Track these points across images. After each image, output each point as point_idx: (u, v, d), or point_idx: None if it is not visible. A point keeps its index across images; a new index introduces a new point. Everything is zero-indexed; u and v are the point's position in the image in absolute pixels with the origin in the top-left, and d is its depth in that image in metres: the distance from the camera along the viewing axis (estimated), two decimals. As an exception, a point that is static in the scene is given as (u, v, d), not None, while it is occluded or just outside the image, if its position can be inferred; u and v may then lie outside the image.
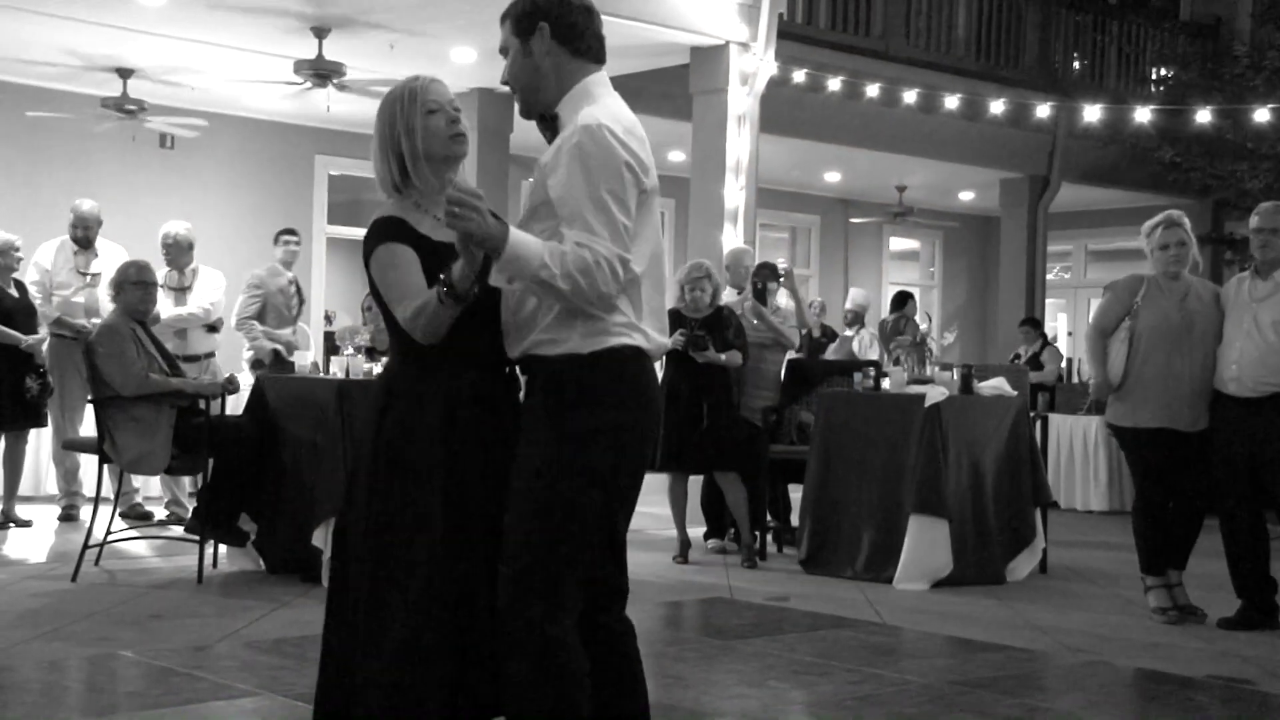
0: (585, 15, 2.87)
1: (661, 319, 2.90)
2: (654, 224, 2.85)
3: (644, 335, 2.81)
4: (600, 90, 2.85)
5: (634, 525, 9.45)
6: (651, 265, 2.85)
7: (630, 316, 2.78)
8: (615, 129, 2.74)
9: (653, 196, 2.83)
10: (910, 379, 7.13)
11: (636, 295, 2.79)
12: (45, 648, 4.76)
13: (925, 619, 5.80)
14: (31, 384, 7.61)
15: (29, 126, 10.40)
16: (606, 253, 2.67)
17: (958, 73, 12.35)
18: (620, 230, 2.70)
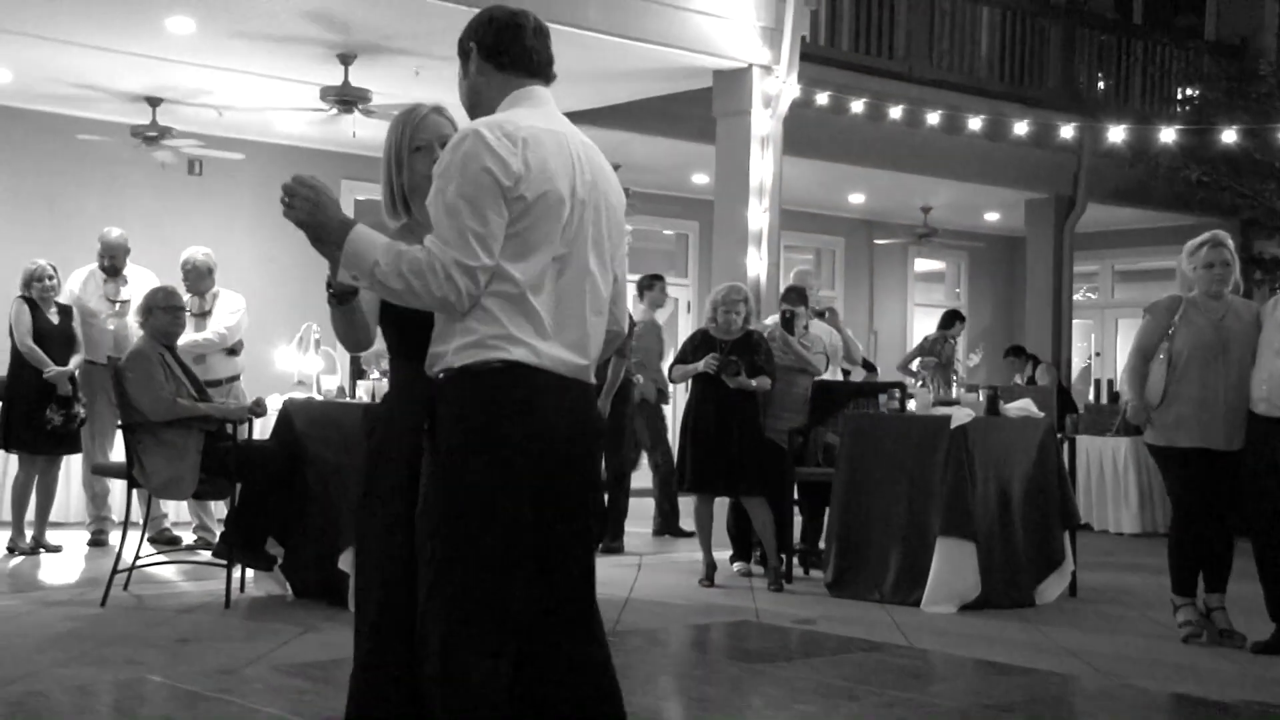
0: (510, 31, 2.90)
1: (583, 334, 2.79)
2: (557, 235, 2.74)
3: (529, 350, 2.70)
4: (524, 101, 2.86)
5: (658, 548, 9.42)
6: (573, 278, 2.77)
7: (508, 329, 2.69)
8: (486, 134, 2.69)
9: (552, 205, 2.73)
10: (936, 400, 7.10)
11: (528, 308, 2.70)
12: (75, 672, 4.78)
13: (953, 642, 5.76)
14: (53, 415, 7.64)
15: (61, 154, 10.51)
16: (444, 257, 2.62)
17: (981, 93, 12.34)
18: (466, 236, 2.63)
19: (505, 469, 2.70)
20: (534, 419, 2.72)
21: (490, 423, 2.70)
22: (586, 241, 2.80)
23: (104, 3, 7.90)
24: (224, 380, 8.09)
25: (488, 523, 2.71)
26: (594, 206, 2.82)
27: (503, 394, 2.70)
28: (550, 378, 2.74)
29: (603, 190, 2.85)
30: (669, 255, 15.10)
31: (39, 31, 8.51)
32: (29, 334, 7.67)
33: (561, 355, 2.75)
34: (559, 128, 2.83)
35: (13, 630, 5.52)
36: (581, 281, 2.79)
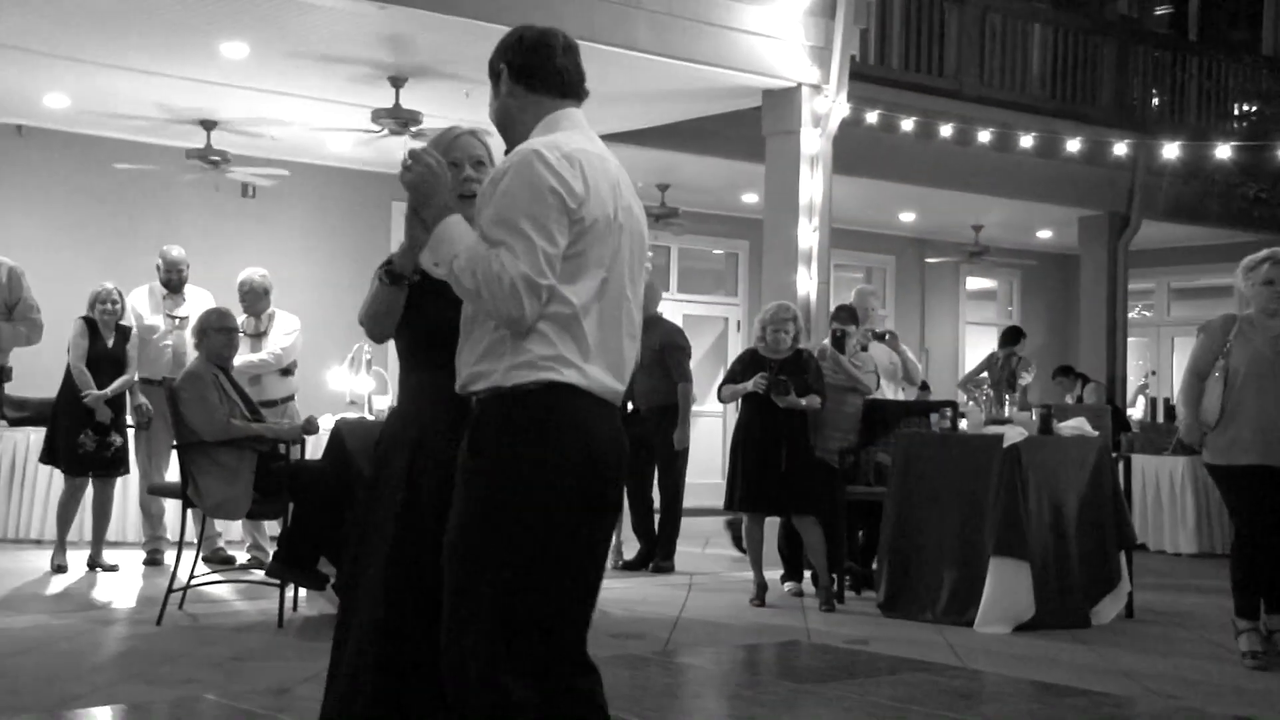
0: (541, 52, 2.88)
1: (620, 358, 2.78)
2: (606, 259, 2.74)
3: (579, 373, 2.69)
4: (563, 123, 2.85)
5: (709, 568, 9.38)
6: (612, 301, 2.76)
7: (559, 350, 2.68)
8: (548, 155, 2.69)
9: (602, 229, 2.73)
10: (988, 419, 7.05)
11: (578, 331, 2.70)
12: (131, 690, 4.82)
13: (1007, 663, 5.70)
14: (85, 440, 7.72)
15: (119, 179, 10.68)
16: (514, 271, 2.61)
17: (1033, 110, 12.27)
18: (536, 254, 2.63)
19: (559, 491, 2.67)
20: (586, 441, 2.71)
21: (545, 444, 2.67)
22: (624, 265, 2.79)
23: (160, 29, 8.03)
24: (279, 400, 8.16)
25: (543, 543, 2.68)
26: (629, 231, 2.82)
27: (556, 415, 2.68)
28: (595, 400, 2.73)
29: (636, 214, 2.85)
30: (718, 275, 15.11)
31: (96, 58, 8.66)
32: (83, 357, 7.78)
33: (603, 379, 2.74)
34: (600, 150, 2.83)
35: (71, 648, 5.59)
36: (619, 305, 2.78)
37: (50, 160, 10.75)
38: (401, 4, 7.39)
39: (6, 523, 9.08)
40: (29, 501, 9.02)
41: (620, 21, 8.26)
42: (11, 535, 9.06)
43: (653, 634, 6.16)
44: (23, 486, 9.03)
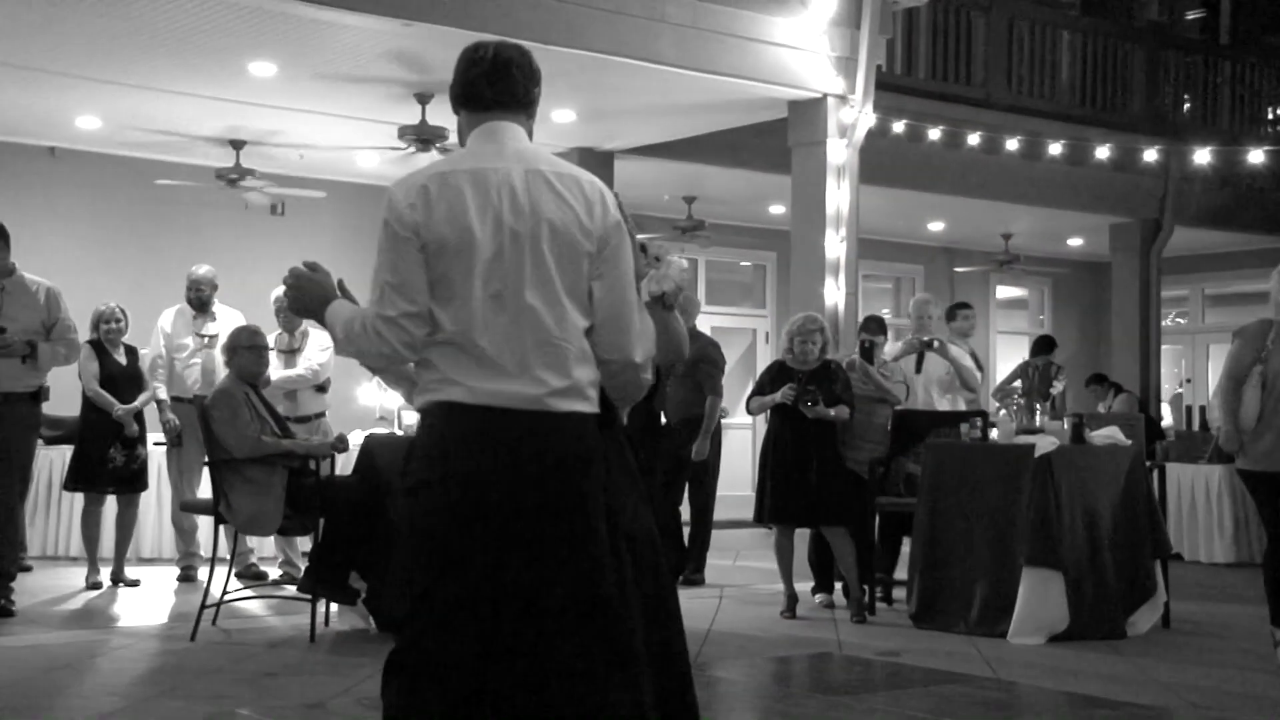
0: (466, 69, 2.92)
1: (528, 365, 2.74)
2: (475, 272, 2.74)
3: (464, 389, 2.74)
4: (476, 138, 2.90)
5: (739, 580, 9.30)
6: (512, 313, 2.74)
7: (444, 372, 2.76)
8: (394, 189, 2.81)
9: (456, 247, 2.74)
10: (1019, 429, 7.00)
11: (462, 350, 2.75)
12: (166, 705, 4.85)
13: (1042, 674, 5.65)
14: (115, 455, 7.82)
15: (149, 198, 10.78)
16: (368, 315, 2.78)
17: (1062, 118, 12.22)
18: (381, 289, 2.77)
19: (441, 507, 2.73)
20: (470, 456, 2.72)
21: (430, 464, 2.76)
22: (523, 274, 2.76)
23: (189, 49, 8.11)
24: (312, 416, 8.20)
25: (430, 564, 2.73)
26: (531, 237, 2.77)
27: (436, 434, 2.76)
28: (491, 413, 2.73)
29: (546, 218, 2.77)
30: (746, 287, 15.10)
31: (126, 79, 8.75)
32: (95, 378, 7.88)
33: (506, 388, 2.73)
34: (492, 164, 2.80)
35: (107, 664, 5.63)
36: (519, 316, 2.75)
37: (82, 181, 10.86)
38: (426, 21, 7.44)
39: (48, 540, 9.16)
40: (65, 519, 9.10)
41: (645, 35, 8.28)
42: (50, 553, 9.14)
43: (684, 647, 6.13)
44: (59, 505, 9.10)
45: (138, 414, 8.00)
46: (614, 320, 2.84)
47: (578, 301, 2.81)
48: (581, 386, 2.79)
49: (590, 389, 2.82)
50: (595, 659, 2.71)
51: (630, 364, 2.87)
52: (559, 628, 2.70)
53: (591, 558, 2.74)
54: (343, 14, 7.45)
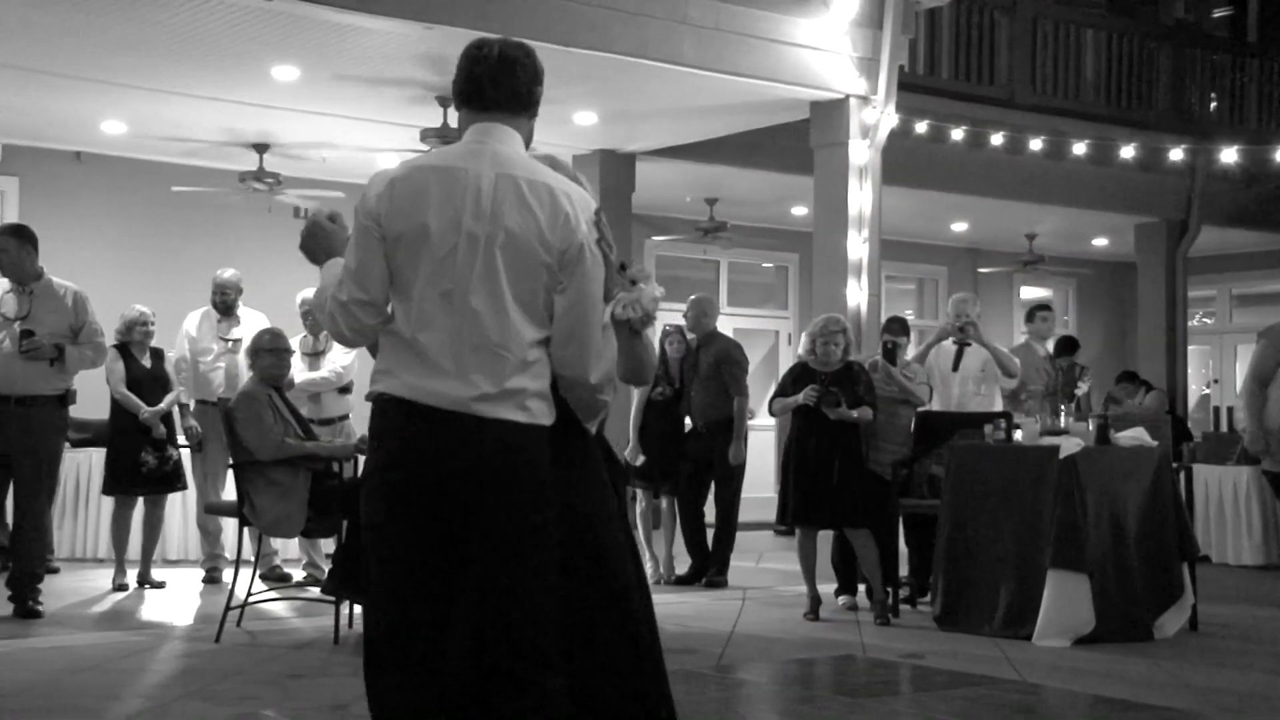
0: (464, 68, 2.94)
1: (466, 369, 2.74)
2: (423, 269, 2.76)
3: (400, 383, 2.78)
4: (467, 136, 2.91)
5: (762, 582, 9.27)
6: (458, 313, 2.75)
7: (386, 364, 2.82)
8: (373, 178, 2.87)
9: (411, 241, 2.77)
10: (1043, 430, 6.96)
11: (404, 343, 2.79)
12: (191, 706, 4.87)
13: (1068, 677, 5.62)
14: (147, 457, 7.90)
15: (173, 202, 10.83)
16: (327, 294, 2.88)
17: (1087, 117, 12.15)
18: (346, 273, 2.84)
19: (376, 499, 2.83)
20: (395, 450, 2.79)
21: (370, 456, 2.87)
22: (471, 276, 2.75)
23: (212, 54, 8.15)
24: (336, 418, 8.23)
25: (370, 551, 2.86)
26: (487, 240, 2.75)
27: (375, 425, 2.83)
28: (421, 410, 2.75)
29: (505, 224, 2.75)
30: (769, 288, 15.07)
31: (150, 84, 8.80)
32: (122, 381, 7.95)
33: (437, 387, 2.74)
34: (465, 164, 2.80)
35: (134, 665, 5.66)
36: (463, 317, 2.75)
37: (107, 185, 10.93)
38: (447, 24, 7.45)
39: (75, 542, 9.23)
40: (93, 522, 9.16)
41: (667, 37, 8.28)
42: (78, 555, 9.20)
43: (706, 649, 6.14)
44: (87, 507, 9.17)
45: (164, 416, 8.06)
46: (571, 337, 2.82)
47: (528, 311, 2.79)
48: (517, 395, 2.77)
49: (532, 399, 2.80)
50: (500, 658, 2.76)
51: (583, 383, 2.86)
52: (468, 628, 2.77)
53: (506, 562, 2.77)
54: (364, 18, 7.47)
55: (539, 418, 2.81)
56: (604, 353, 2.85)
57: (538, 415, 2.81)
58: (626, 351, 2.91)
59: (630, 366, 2.95)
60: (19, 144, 10.41)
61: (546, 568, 2.80)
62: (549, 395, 2.84)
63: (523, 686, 2.75)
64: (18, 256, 6.71)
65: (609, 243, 2.85)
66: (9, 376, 6.61)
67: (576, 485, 2.93)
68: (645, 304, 2.83)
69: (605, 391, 2.90)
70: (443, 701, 2.77)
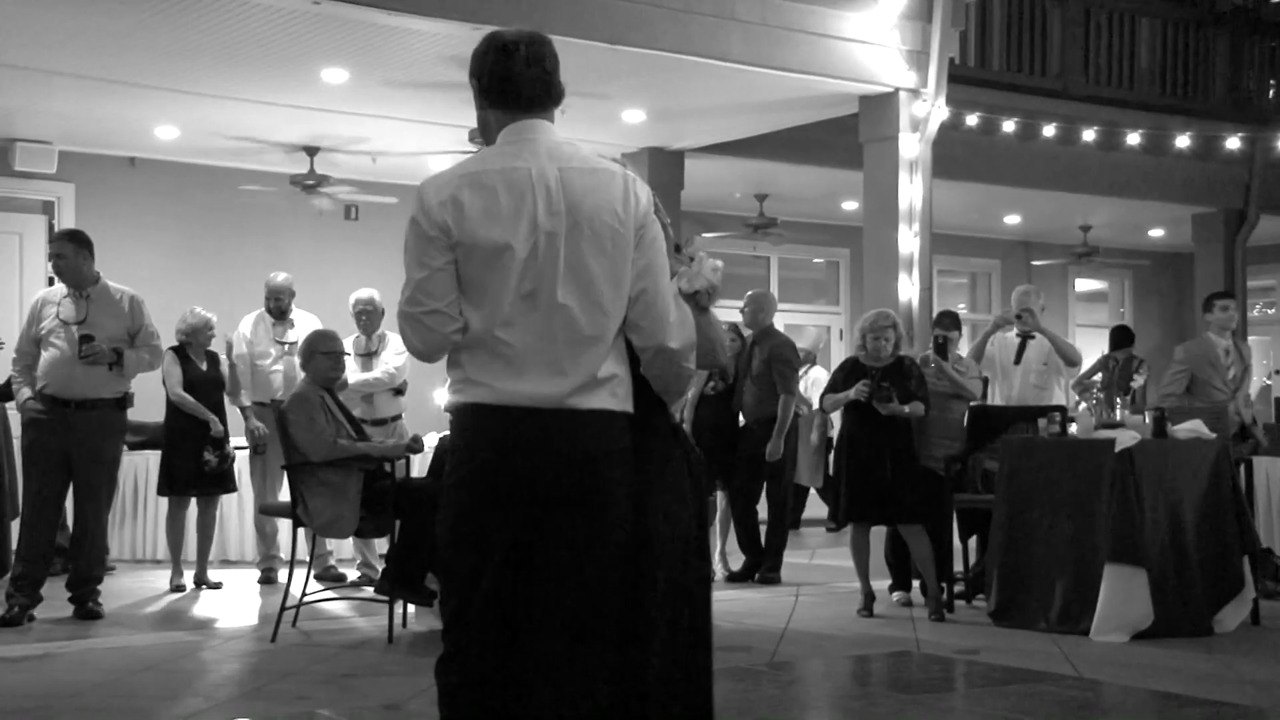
0: (500, 67, 2.88)
1: (559, 366, 2.75)
2: (509, 274, 2.75)
3: (488, 389, 2.76)
4: (509, 137, 2.87)
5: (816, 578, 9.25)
6: (544, 312, 2.75)
7: (468, 373, 2.79)
8: (424, 188, 2.82)
9: (488, 249, 2.75)
10: (1099, 423, 6.88)
11: (488, 351, 2.77)
12: (248, 706, 4.91)
13: (1126, 673, 5.55)
14: (210, 456, 8.01)
15: (226, 205, 10.95)
16: (400, 310, 2.83)
17: (1142, 107, 11.99)
18: (409, 286, 2.80)
19: (454, 507, 2.81)
20: (493, 456, 2.76)
21: (458, 465, 2.82)
22: (556, 273, 2.75)
23: (263, 58, 8.23)
24: (389, 419, 8.28)
25: (452, 559, 2.84)
26: (567, 235, 2.76)
27: (464, 436, 2.81)
28: (515, 413, 2.75)
29: (585, 216, 2.76)
30: (819, 284, 15.01)
31: (202, 89, 8.90)
32: (179, 384, 8.05)
33: (529, 389, 2.75)
34: (523, 164, 2.79)
35: (191, 665, 5.72)
36: (552, 315, 2.76)
37: (161, 190, 11.06)
38: (495, 25, 7.45)
39: (135, 543, 9.36)
40: (150, 523, 9.28)
41: (714, 33, 8.26)
42: (136, 556, 9.33)
43: (760, 646, 6.12)
44: (145, 509, 9.29)
45: (222, 415, 8.16)
46: (648, 307, 2.82)
47: (617, 295, 2.80)
48: (608, 383, 2.79)
49: (619, 386, 2.81)
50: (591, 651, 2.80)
51: (665, 349, 2.84)
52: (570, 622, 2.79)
53: (611, 552, 2.80)
54: (412, 19, 7.51)
55: (627, 403, 2.84)
56: (682, 320, 2.85)
57: (626, 401, 2.84)
58: (698, 332, 2.90)
59: (703, 347, 2.94)
60: (74, 150, 10.56)
61: (618, 556, 2.84)
62: (631, 383, 2.86)
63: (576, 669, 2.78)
64: (75, 262, 6.80)
65: (665, 222, 2.87)
66: (69, 381, 6.70)
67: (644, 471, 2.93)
68: (707, 274, 2.84)
69: (689, 359, 2.88)
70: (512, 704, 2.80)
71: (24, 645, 6.09)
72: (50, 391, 6.72)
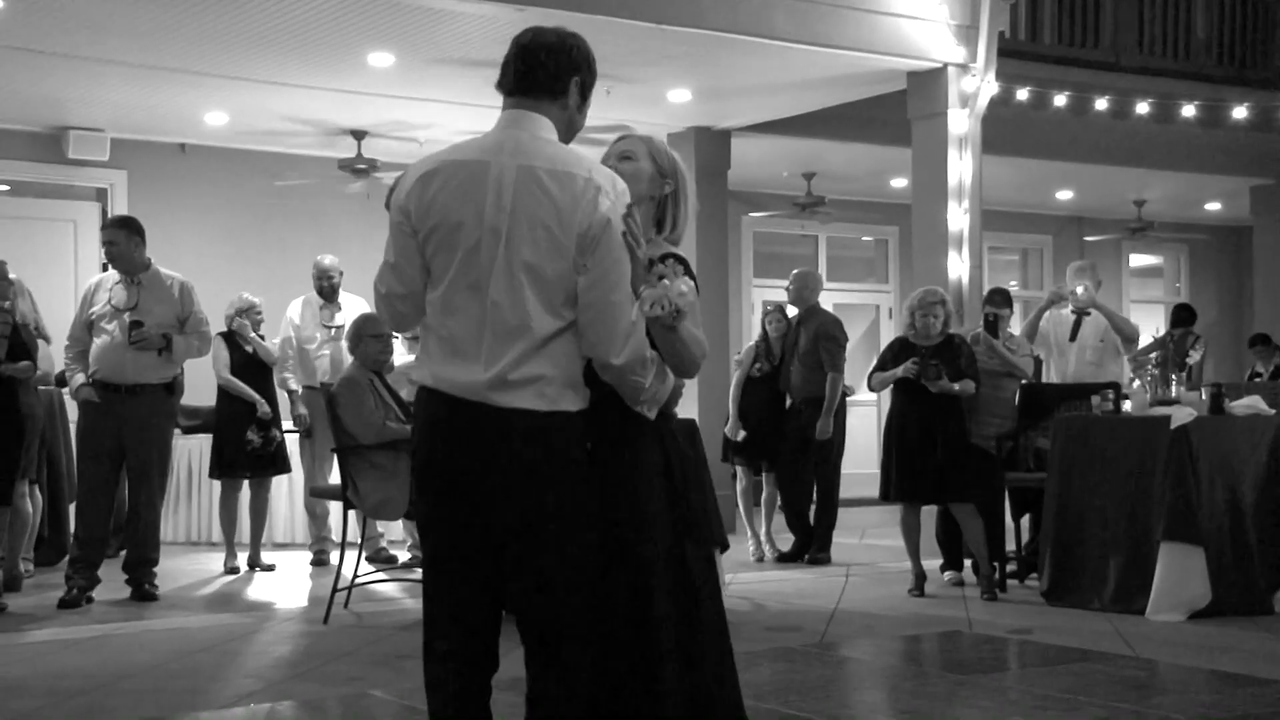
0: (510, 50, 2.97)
1: (481, 358, 2.77)
2: (454, 262, 2.80)
3: (430, 374, 2.85)
4: (496, 122, 2.93)
5: (866, 558, 9.25)
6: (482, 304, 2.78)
7: (422, 355, 2.91)
8: (408, 170, 2.92)
9: (441, 235, 2.82)
10: (1154, 400, 6.79)
11: (436, 334, 2.86)
12: (302, 687, 4.96)
13: (1183, 652, 5.48)
14: (253, 436, 8.07)
15: (275, 191, 11.02)
16: (374, 284, 2.97)
17: (1198, 78, 11.78)
18: (385, 266, 2.93)
19: (417, 490, 2.93)
20: (426, 440, 2.88)
21: (415, 446, 2.94)
22: (493, 268, 2.78)
23: (310, 43, 8.25)
24: (437, 402, 8.30)
25: (421, 540, 2.98)
26: (508, 233, 2.77)
27: (418, 414, 2.92)
28: (444, 399, 2.82)
29: (525, 216, 2.77)
30: (868, 262, 14.90)
31: (250, 75, 8.94)
32: (226, 368, 8.12)
33: (461, 378, 2.80)
34: (491, 157, 2.82)
35: (247, 647, 5.79)
36: (485, 308, 2.79)
37: (211, 176, 11.14)
38: (539, 6, 7.45)
39: (190, 526, 9.47)
40: (204, 506, 9.39)
41: (760, 11, 8.19)
42: (193, 538, 9.44)
43: (810, 626, 6.10)
44: (199, 492, 9.40)
45: (270, 398, 8.22)
46: (595, 318, 2.79)
47: (549, 300, 2.79)
48: (536, 382, 2.78)
49: (549, 386, 2.79)
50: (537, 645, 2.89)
51: (608, 366, 2.81)
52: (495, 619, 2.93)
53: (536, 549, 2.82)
54: (458, 2, 7.51)
55: (561, 403, 2.81)
56: (632, 335, 2.80)
57: (559, 401, 2.81)
58: (666, 349, 2.85)
59: (670, 361, 2.90)
60: (126, 138, 10.65)
61: (579, 554, 2.84)
62: (577, 382, 2.84)
63: (552, 670, 2.86)
64: (126, 248, 6.88)
65: (636, 238, 2.80)
66: (119, 366, 6.78)
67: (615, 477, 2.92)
68: (673, 297, 2.76)
69: (637, 374, 2.83)
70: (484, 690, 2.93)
71: (83, 626, 6.20)
72: (101, 377, 6.81)
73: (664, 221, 3.12)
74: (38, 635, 6.00)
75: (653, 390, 2.91)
